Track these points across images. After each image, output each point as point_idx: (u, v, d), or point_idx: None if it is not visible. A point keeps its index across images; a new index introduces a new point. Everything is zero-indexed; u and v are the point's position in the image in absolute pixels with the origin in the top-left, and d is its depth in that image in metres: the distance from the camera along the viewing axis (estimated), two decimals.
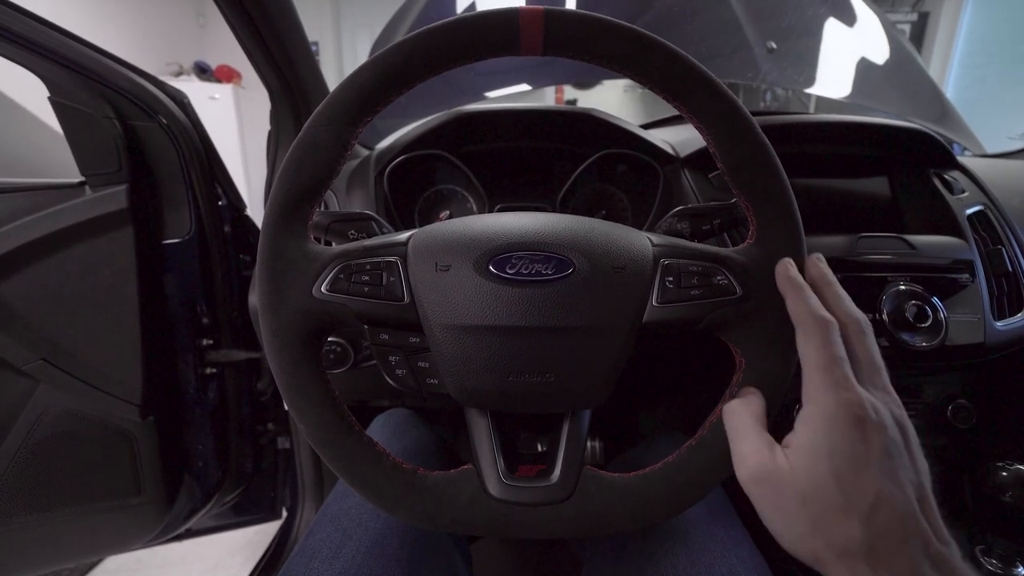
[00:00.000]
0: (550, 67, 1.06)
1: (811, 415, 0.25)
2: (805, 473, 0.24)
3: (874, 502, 0.23)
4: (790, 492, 0.25)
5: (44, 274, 0.74)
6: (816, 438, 0.25)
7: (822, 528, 0.24)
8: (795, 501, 0.24)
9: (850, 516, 0.23)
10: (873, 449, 0.24)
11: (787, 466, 0.25)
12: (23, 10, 0.64)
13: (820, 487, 0.24)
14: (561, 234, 0.35)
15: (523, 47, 0.34)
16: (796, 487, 0.24)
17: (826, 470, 0.24)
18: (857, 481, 0.23)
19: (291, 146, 0.34)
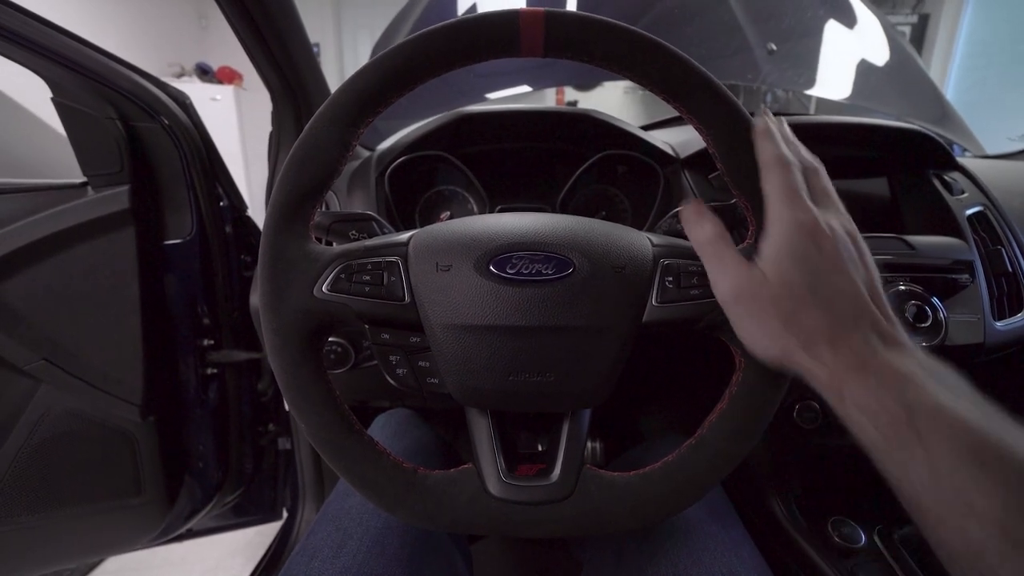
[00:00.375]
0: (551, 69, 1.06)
1: (775, 233, 0.30)
2: (776, 279, 0.29)
3: (831, 294, 0.28)
4: (764, 297, 0.29)
5: (46, 274, 0.74)
6: (781, 250, 0.29)
7: (791, 322, 0.28)
8: (768, 304, 0.29)
9: (814, 307, 0.28)
10: (828, 253, 0.28)
11: (760, 276, 0.29)
12: (26, 11, 0.65)
13: (788, 287, 0.28)
14: (561, 234, 0.35)
15: (524, 48, 0.34)
16: (769, 292, 0.29)
17: (792, 273, 0.28)
18: (817, 278, 0.28)
19: (292, 147, 0.34)
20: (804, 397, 0.61)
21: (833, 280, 0.28)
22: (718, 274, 0.32)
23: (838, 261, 0.28)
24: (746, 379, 0.34)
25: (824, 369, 0.27)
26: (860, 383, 0.26)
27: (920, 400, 0.24)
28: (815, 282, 0.28)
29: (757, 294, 0.29)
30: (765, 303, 0.29)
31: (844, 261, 0.28)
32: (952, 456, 0.23)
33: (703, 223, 0.33)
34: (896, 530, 0.59)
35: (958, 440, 0.23)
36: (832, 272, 0.28)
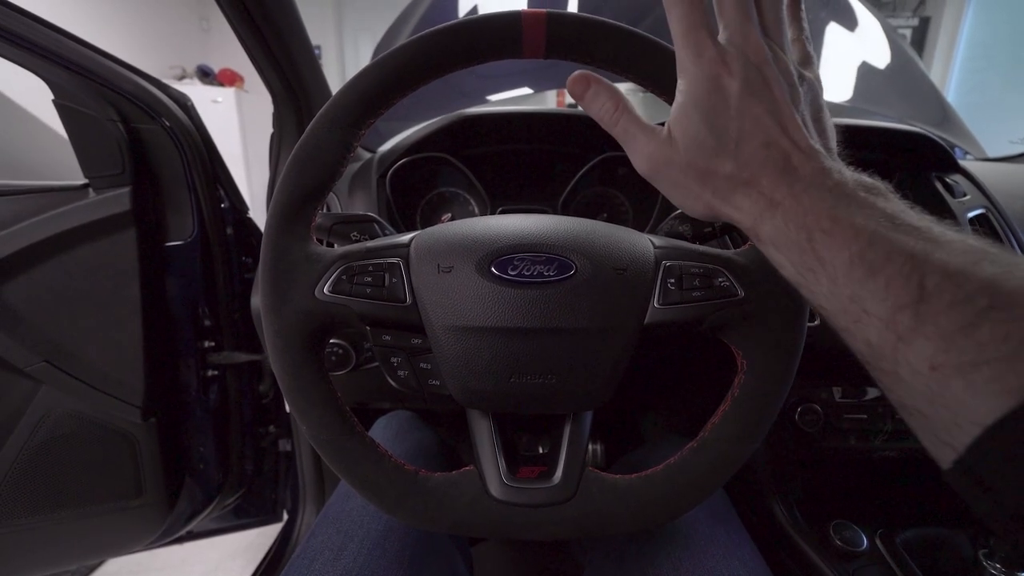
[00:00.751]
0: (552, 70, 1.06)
1: (680, 84, 0.28)
2: (683, 139, 0.28)
3: (737, 138, 0.26)
4: (677, 159, 0.28)
5: (47, 276, 0.75)
6: (685, 104, 0.27)
7: (706, 178, 0.28)
8: (683, 165, 0.28)
9: (722, 156, 0.27)
10: (730, 93, 0.26)
11: (667, 139, 0.28)
12: (27, 13, 0.65)
13: (696, 143, 0.27)
14: (563, 236, 0.35)
15: (525, 50, 0.34)
16: (680, 153, 0.28)
17: (696, 125, 0.27)
18: (721, 125, 0.27)
19: (294, 148, 0.34)
20: (806, 400, 0.61)
21: (739, 123, 0.26)
22: (632, 150, 0.31)
23: (743, 101, 0.26)
24: (748, 381, 0.34)
25: (743, 215, 0.27)
26: (771, 223, 0.26)
27: (819, 224, 0.24)
28: (720, 130, 0.27)
29: (671, 159, 0.28)
30: (680, 166, 0.28)
31: (751, 94, 0.26)
32: (845, 266, 0.23)
33: (601, 99, 0.31)
34: (898, 534, 0.58)
35: (849, 251, 0.23)
36: (738, 113, 0.26)
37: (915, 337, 0.21)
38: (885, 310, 0.22)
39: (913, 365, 0.21)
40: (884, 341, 0.22)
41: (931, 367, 0.20)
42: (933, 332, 0.20)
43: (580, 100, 0.32)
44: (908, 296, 0.21)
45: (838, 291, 0.24)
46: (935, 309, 0.21)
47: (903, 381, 0.22)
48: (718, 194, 0.28)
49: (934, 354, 0.20)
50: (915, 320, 0.21)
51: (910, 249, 0.22)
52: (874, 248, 0.22)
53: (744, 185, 0.27)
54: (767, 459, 0.63)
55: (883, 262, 0.22)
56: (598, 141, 0.71)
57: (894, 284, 0.22)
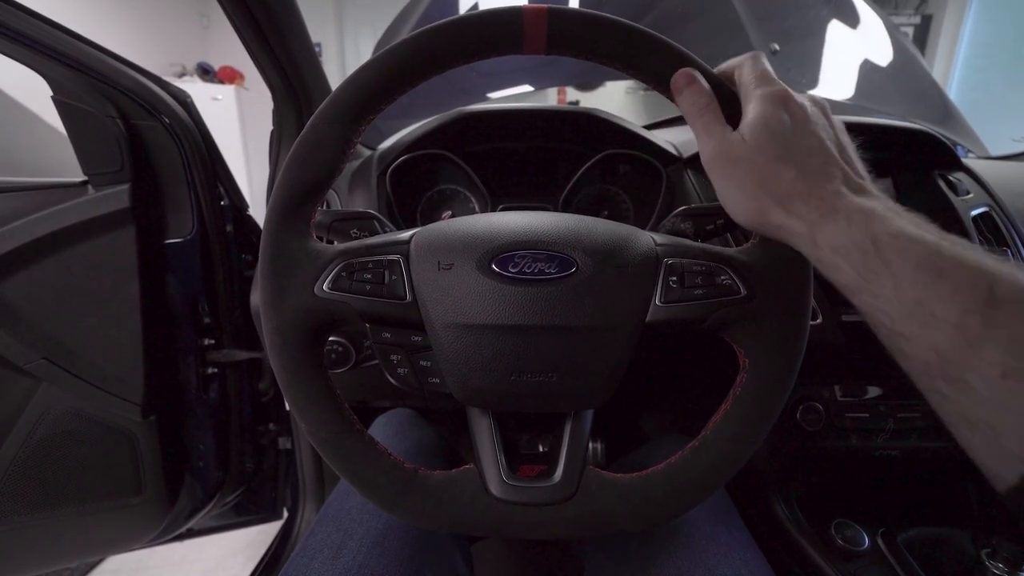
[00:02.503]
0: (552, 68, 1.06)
1: (752, 108, 0.32)
2: (753, 141, 0.31)
3: (803, 152, 0.30)
4: (742, 158, 0.31)
5: (46, 273, 0.74)
6: (757, 119, 0.31)
7: (767, 181, 0.30)
8: (746, 164, 0.31)
9: (787, 165, 0.30)
10: (799, 117, 0.31)
11: (739, 139, 0.31)
12: (27, 9, 0.65)
13: (764, 148, 0.30)
14: (564, 233, 0.35)
15: (526, 45, 0.34)
16: (746, 153, 0.31)
17: (766, 136, 0.30)
18: (789, 140, 0.30)
19: (294, 144, 0.34)
20: (807, 399, 0.61)
21: (804, 141, 0.30)
22: (704, 142, 0.33)
23: (807, 124, 0.31)
24: (750, 380, 0.34)
25: (799, 221, 0.29)
26: (832, 226, 0.28)
27: (884, 229, 0.25)
28: (787, 143, 0.30)
29: (736, 156, 0.31)
30: (743, 164, 0.31)
31: (813, 124, 0.31)
32: (912, 269, 0.24)
33: (696, 94, 0.33)
34: (900, 533, 0.58)
35: (917, 255, 0.24)
36: (803, 134, 0.30)
37: (984, 342, 0.21)
38: (954, 313, 0.22)
39: (982, 372, 0.21)
40: (952, 346, 0.22)
41: (1002, 374, 0.20)
42: (1004, 336, 0.21)
43: (679, 93, 0.34)
44: (978, 300, 0.21)
45: (903, 294, 0.24)
46: (1006, 314, 0.21)
47: (970, 389, 0.22)
48: (775, 198, 0.30)
49: (1004, 359, 0.20)
50: (984, 325, 0.21)
51: (977, 260, 0.23)
52: (941, 255, 0.23)
53: (805, 192, 0.29)
54: (768, 458, 0.63)
55: (952, 268, 0.23)
56: (599, 138, 0.71)
57: (963, 288, 0.22)
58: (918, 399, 0.61)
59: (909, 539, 0.58)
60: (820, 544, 0.57)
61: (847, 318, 0.57)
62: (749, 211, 0.32)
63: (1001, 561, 0.53)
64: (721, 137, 0.32)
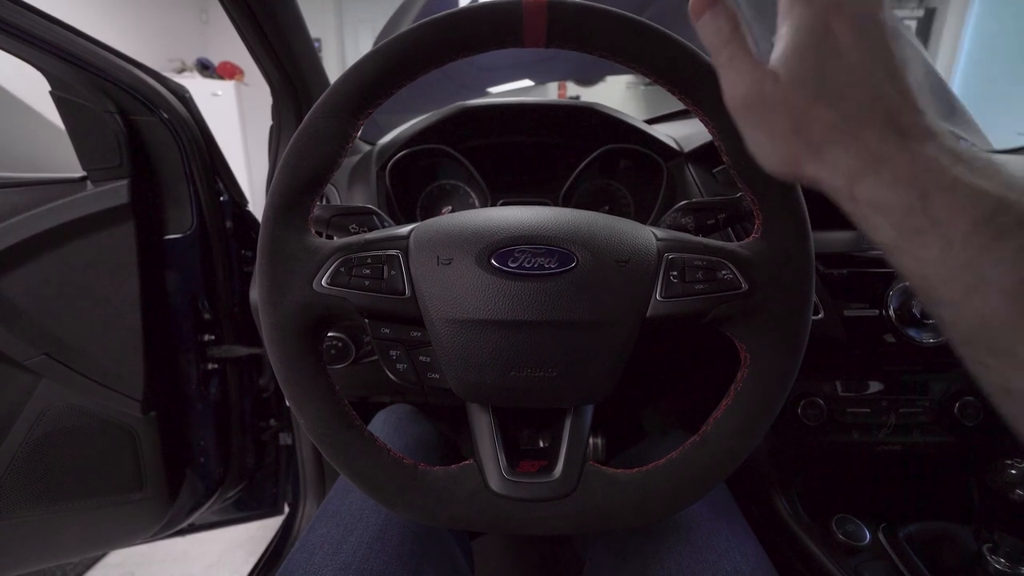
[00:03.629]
0: (553, 62, 1.05)
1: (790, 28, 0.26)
2: (787, 77, 0.26)
3: (843, 86, 0.25)
4: (774, 99, 0.26)
5: (46, 269, 0.74)
6: (791, 45, 0.26)
7: (802, 124, 0.26)
8: (779, 106, 0.26)
9: (824, 104, 0.25)
10: (847, 40, 0.25)
11: (772, 77, 0.26)
12: (26, 5, 0.64)
13: (799, 84, 0.25)
14: (564, 228, 0.34)
15: (526, 38, 0.33)
16: (780, 93, 0.26)
17: (802, 68, 0.25)
18: (828, 70, 0.25)
19: (292, 138, 0.34)
20: (808, 394, 0.61)
21: (845, 70, 0.25)
22: (730, 81, 0.28)
23: (856, 48, 0.25)
24: (751, 376, 0.34)
25: (836, 173, 0.25)
26: (873, 179, 0.24)
27: (936, 183, 0.22)
28: (825, 75, 0.25)
29: (767, 97, 0.26)
30: (775, 106, 0.26)
31: (863, 46, 0.25)
32: (966, 226, 0.21)
33: (719, 20, 0.28)
34: (901, 528, 0.58)
35: (973, 213, 0.21)
36: (843, 60, 0.25)
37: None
38: (1011, 280, 0.20)
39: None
40: (1004, 315, 0.20)
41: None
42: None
43: (697, 18, 0.29)
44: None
45: (951, 257, 0.21)
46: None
47: (1018, 362, 0.20)
48: (810, 146, 0.26)
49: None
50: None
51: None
52: (1005, 212, 0.20)
53: (844, 137, 0.25)
54: (769, 453, 0.63)
55: (1016, 227, 0.20)
56: (600, 133, 0.70)
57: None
58: (920, 394, 0.61)
59: (910, 534, 0.58)
60: (821, 539, 0.57)
61: (849, 313, 0.57)
62: (782, 160, 0.28)
63: (1003, 556, 0.53)
64: (748, 72, 0.27)
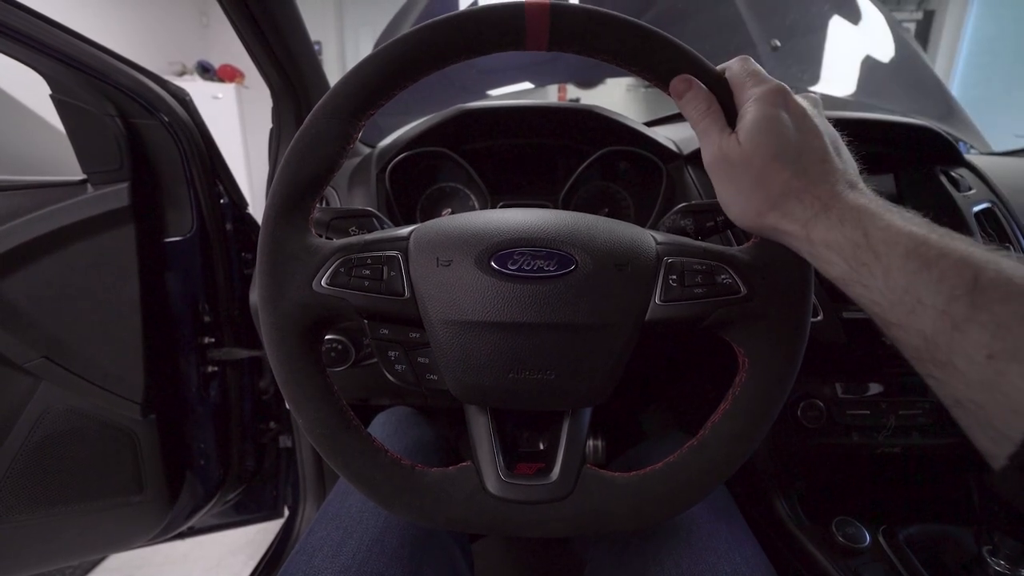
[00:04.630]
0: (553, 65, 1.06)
1: (751, 106, 0.32)
2: (749, 144, 0.31)
3: (800, 152, 0.30)
4: (740, 162, 0.31)
5: (46, 272, 0.74)
6: (754, 119, 0.31)
7: (762, 182, 0.30)
8: (745, 165, 0.31)
9: (784, 165, 0.30)
10: (798, 115, 0.31)
11: (736, 144, 0.31)
12: (26, 8, 0.64)
13: (760, 150, 0.30)
14: (563, 230, 0.34)
15: (528, 41, 0.33)
16: (743, 157, 0.31)
17: (763, 137, 0.30)
18: (787, 140, 0.30)
19: (293, 139, 0.34)
20: (808, 396, 0.61)
21: (802, 139, 0.30)
22: (705, 145, 0.34)
23: (806, 121, 0.31)
24: (749, 380, 0.34)
25: (792, 221, 0.30)
26: (825, 223, 0.28)
27: (875, 224, 0.27)
28: (785, 143, 0.30)
29: (733, 160, 0.31)
30: (740, 167, 0.31)
31: (811, 121, 0.31)
32: (901, 259, 0.25)
33: (696, 99, 0.33)
34: (901, 530, 0.58)
35: (905, 246, 0.25)
36: (802, 132, 0.30)
37: (970, 326, 0.22)
38: (940, 300, 0.23)
39: (969, 354, 0.22)
40: (939, 330, 0.23)
41: (988, 355, 0.21)
42: (988, 320, 0.21)
43: (679, 98, 0.34)
44: (963, 286, 0.22)
45: (892, 283, 0.25)
46: (990, 298, 0.22)
47: (958, 372, 0.23)
48: (770, 199, 0.30)
49: (991, 342, 0.21)
50: (970, 309, 0.22)
51: (963, 250, 0.23)
52: (928, 245, 0.24)
53: (798, 192, 0.29)
54: (769, 455, 0.63)
55: (937, 257, 0.24)
56: (600, 136, 0.71)
57: (949, 276, 0.23)
58: (920, 396, 0.61)
59: (910, 536, 0.57)
60: (821, 541, 0.57)
61: (848, 315, 0.57)
62: (746, 212, 0.32)
63: (1003, 558, 0.53)
64: (719, 141, 0.32)
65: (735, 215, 0.33)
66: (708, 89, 0.33)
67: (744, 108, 0.32)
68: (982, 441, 0.23)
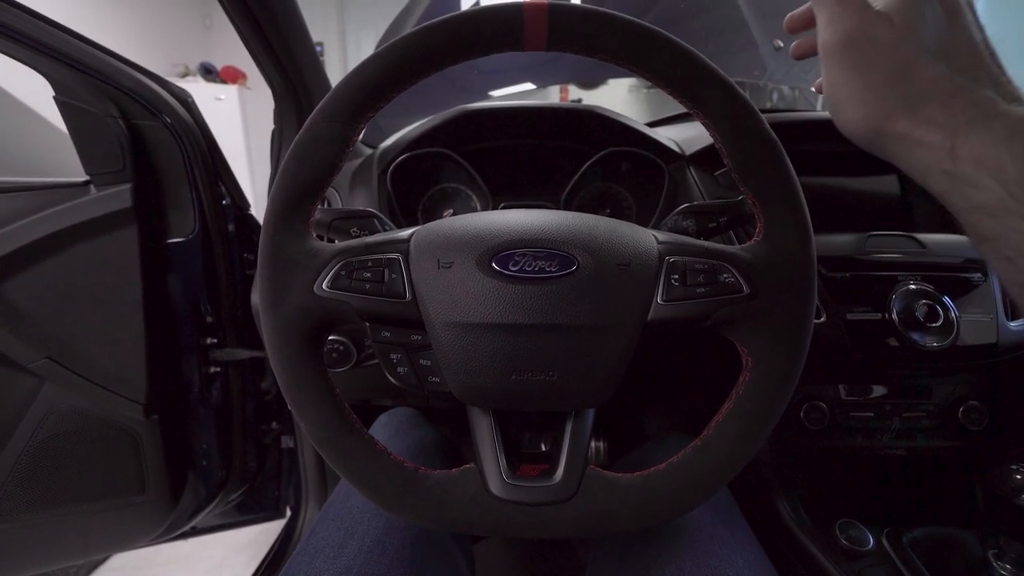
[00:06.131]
0: (554, 65, 1.06)
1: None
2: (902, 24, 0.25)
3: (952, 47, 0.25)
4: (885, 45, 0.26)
5: (49, 273, 0.75)
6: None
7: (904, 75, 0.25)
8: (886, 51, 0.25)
9: (935, 59, 0.25)
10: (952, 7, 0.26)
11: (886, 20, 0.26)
12: (29, 10, 0.65)
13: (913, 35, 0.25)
14: (565, 231, 0.34)
15: (527, 42, 0.33)
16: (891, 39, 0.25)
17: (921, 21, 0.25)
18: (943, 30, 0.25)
19: (293, 141, 0.34)
20: (811, 397, 0.61)
21: (955, 33, 0.26)
22: (836, 16, 0.27)
23: (961, 16, 0.26)
24: (753, 380, 0.34)
25: (935, 130, 0.25)
26: (984, 135, 0.24)
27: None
28: (937, 33, 0.26)
29: (875, 39, 0.26)
30: (883, 51, 0.26)
31: (967, 18, 0.27)
32: None
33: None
34: (905, 533, 0.58)
35: None
36: (956, 27, 0.26)
37: None
38: None
39: None
40: None
41: None
42: None
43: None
44: None
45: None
46: None
47: None
48: (908, 99, 0.25)
49: None
50: None
51: None
52: None
53: (949, 94, 0.25)
54: (772, 457, 0.63)
55: None
56: (602, 136, 0.71)
57: None
58: (924, 398, 0.60)
59: (914, 539, 0.57)
60: (824, 544, 0.57)
61: (852, 317, 0.57)
62: (869, 115, 0.27)
63: (1009, 562, 0.53)
64: (862, 13, 0.26)
65: (853, 118, 0.28)
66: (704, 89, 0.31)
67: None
68: None
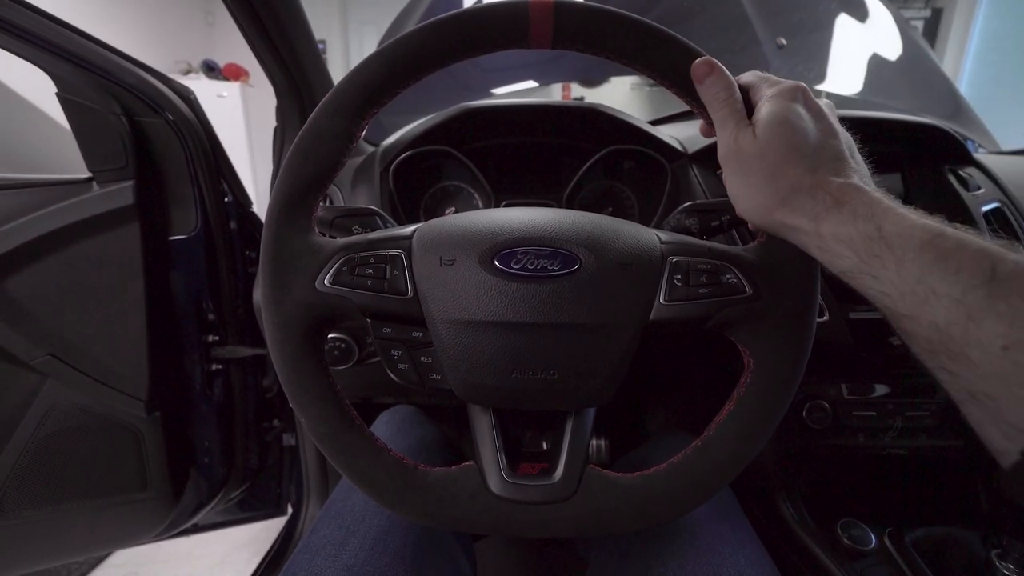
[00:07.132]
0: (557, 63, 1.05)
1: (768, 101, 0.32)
2: (764, 136, 0.31)
3: (816, 148, 0.30)
4: (754, 155, 0.31)
5: (51, 270, 0.75)
6: (773, 112, 0.31)
7: (774, 177, 0.30)
8: (756, 160, 0.31)
9: (797, 160, 0.30)
10: (813, 110, 0.31)
11: (752, 136, 0.31)
12: (32, 7, 0.65)
13: (775, 144, 0.30)
14: (567, 230, 0.34)
15: (532, 40, 0.33)
16: (757, 150, 0.31)
17: (780, 129, 0.30)
18: (803, 135, 0.30)
19: (296, 138, 0.34)
20: (814, 396, 0.60)
21: (818, 137, 0.30)
22: (722, 135, 0.33)
23: (823, 119, 0.31)
24: (754, 381, 0.34)
25: (802, 217, 0.30)
26: (837, 217, 0.28)
27: (888, 217, 0.27)
28: (801, 139, 0.30)
29: (747, 151, 0.31)
30: (753, 160, 0.31)
31: (828, 120, 0.31)
32: (915, 251, 0.25)
33: (717, 84, 0.33)
34: (907, 533, 0.58)
35: (919, 238, 0.25)
36: (817, 129, 0.31)
37: (986, 316, 0.22)
38: (956, 290, 0.23)
39: (984, 345, 0.22)
40: (953, 321, 0.23)
41: (1004, 346, 0.21)
42: (1005, 311, 0.21)
43: (700, 82, 0.33)
44: (981, 277, 0.22)
45: (905, 274, 0.25)
46: (1009, 289, 0.21)
47: (972, 363, 0.22)
48: (780, 194, 0.30)
49: (1007, 332, 0.21)
50: (987, 299, 0.22)
51: (979, 244, 0.23)
52: (944, 237, 0.24)
53: (810, 187, 0.29)
54: (774, 456, 0.62)
55: (954, 248, 0.24)
56: (604, 134, 0.70)
57: (966, 267, 0.23)
58: (927, 397, 0.60)
59: (917, 539, 0.57)
60: (826, 543, 0.57)
61: (855, 315, 0.57)
62: (755, 208, 0.32)
63: (1012, 562, 0.53)
64: (736, 131, 0.32)
65: (744, 210, 0.33)
66: None
67: (761, 103, 0.32)
68: (994, 437, 0.23)
